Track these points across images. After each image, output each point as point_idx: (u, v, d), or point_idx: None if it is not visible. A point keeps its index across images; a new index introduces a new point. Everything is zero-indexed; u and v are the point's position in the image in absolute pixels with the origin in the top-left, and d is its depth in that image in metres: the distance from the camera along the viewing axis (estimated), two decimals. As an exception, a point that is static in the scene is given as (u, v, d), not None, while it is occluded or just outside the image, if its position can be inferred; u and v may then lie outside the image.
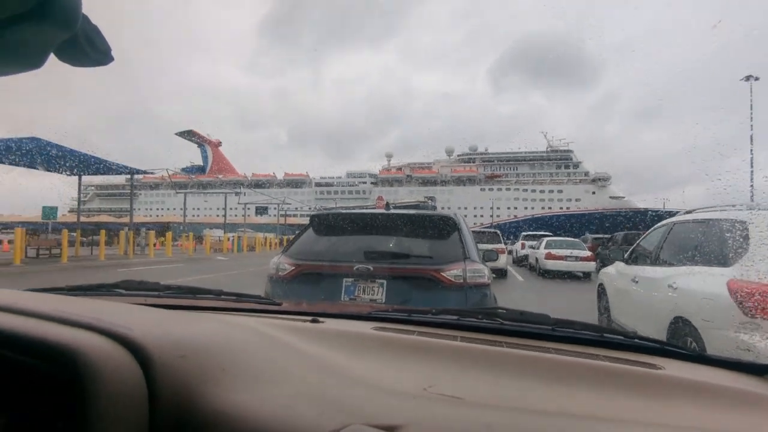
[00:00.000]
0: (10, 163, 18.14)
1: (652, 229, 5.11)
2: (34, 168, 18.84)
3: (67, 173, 19.99)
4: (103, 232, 19.49)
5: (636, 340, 1.01)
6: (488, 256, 3.96)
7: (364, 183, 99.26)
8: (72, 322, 0.63)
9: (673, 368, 0.87)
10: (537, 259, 15.96)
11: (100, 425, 0.49)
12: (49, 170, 19.18)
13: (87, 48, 0.47)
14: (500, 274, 13.61)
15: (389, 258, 3.37)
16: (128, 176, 25.93)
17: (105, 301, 1.03)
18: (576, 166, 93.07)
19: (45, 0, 0.42)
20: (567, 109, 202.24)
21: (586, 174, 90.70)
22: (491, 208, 79.21)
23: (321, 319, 1.05)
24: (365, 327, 1.02)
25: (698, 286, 3.38)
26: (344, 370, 0.71)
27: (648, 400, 0.73)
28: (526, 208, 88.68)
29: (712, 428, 0.67)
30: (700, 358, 0.96)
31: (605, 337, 1.01)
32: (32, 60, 0.47)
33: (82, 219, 24.70)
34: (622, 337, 1.02)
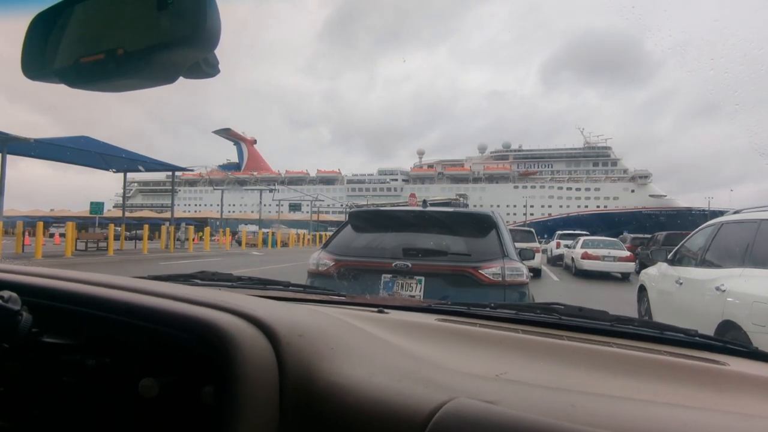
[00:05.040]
0: (61, 161, 19.19)
1: (698, 229, 4.94)
2: (83, 165, 19.85)
3: (113, 170, 20.92)
4: (146, 227, 20.32)
5: (697, 338, 1.00)
6: (525, 255, 3.92)
7: (395, 180, 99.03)
8: (205, 303, 0.69)
9: (738, 365, 0.86)
10: (573, 259, 15.59)
11: (245, 391, 0.56)
12: (96, 168, 20.16)
13: (202, 63, 0.53)
14: (535, 273, 13.40)
15: (428, 255, 3.39)
16: (169, 173, 26.93)
17: (208, 288, 1.10)
18: (614, 163, 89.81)
19: (195, 26, 0.47)
20: (614, 106, 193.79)
21: (625, 171, 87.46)
22: (525, 206, 77.39)
23: (386, 310, 1.09)
24: (429, 318, 1.05)
25: (749, 289, 3.26)
26: (421, 355, 0.75)
27: (715, 392, 0.73)
28: (561, 206, 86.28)
29: None
30: (764, 356, 0.95)
31: (665, 334, 1.00)
32: (169, 77, 0.53)
33: (126, 214, 25.79)
34: (682, 335, 1.01)
